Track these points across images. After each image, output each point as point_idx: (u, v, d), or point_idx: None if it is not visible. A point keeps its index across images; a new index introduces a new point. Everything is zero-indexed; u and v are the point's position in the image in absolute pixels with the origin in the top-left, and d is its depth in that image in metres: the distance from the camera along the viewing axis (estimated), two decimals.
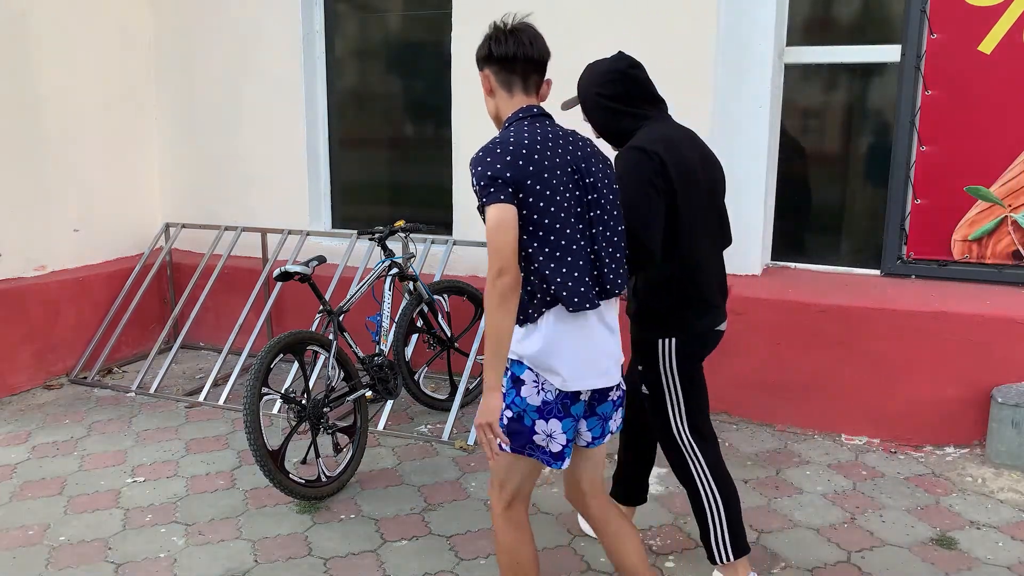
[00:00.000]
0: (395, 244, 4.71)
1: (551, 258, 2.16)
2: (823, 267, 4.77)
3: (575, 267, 2.18)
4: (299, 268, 3.56)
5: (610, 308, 2.33)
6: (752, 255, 4.58)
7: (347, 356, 3.79)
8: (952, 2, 4.20)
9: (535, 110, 2.28)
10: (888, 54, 4.42)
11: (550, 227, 2.16)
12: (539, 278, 2.16)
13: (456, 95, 4.94)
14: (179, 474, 3.86)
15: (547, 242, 2.16)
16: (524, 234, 2.16)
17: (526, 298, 2.19)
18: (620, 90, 2.67)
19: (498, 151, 2.15)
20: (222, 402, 4.66)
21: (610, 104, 2.68)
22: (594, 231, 2.24)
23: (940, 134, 4.32)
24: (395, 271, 4.17)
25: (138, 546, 3.24)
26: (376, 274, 4.06)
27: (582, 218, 2.22)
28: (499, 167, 2.12)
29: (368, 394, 3.85)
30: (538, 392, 2.22)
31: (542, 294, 2.17)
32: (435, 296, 4.46)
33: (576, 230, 2.20)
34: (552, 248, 2.16)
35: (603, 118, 2.72)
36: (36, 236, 5.05)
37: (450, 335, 4.58)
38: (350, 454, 3.74)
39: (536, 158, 2.16)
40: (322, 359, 3.87)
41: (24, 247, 4.98)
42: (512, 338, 2.21)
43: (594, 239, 2.24)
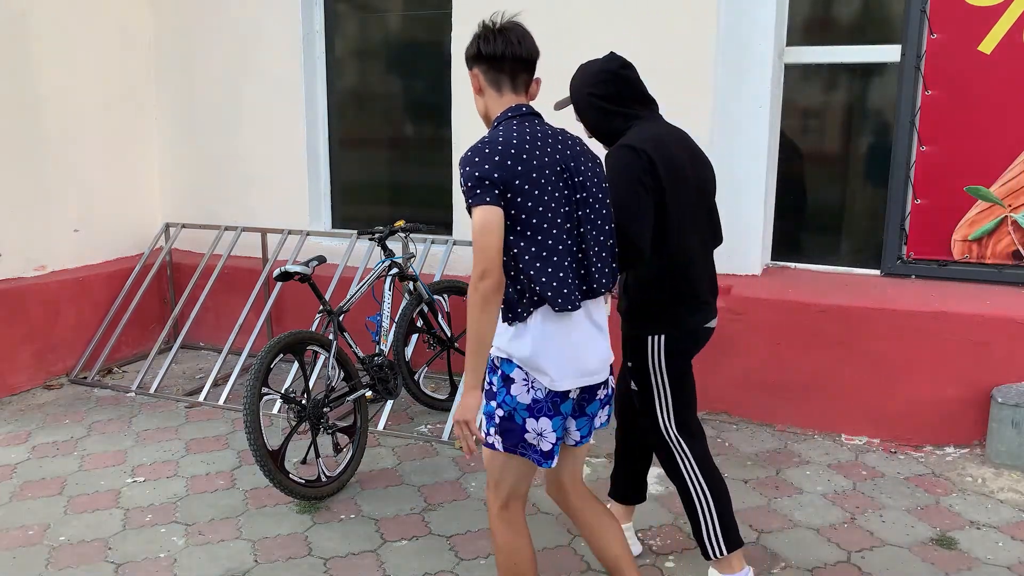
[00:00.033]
0: (395, 244, 4.70)
1: (537, 257, 2.16)
2: (823, 267, 4.77)
3: (560, 267, 2.18)
4: (299, 268, 3.56)
5: (598, 306, 2.33)
6: (752, 255, 4.58)
7: (347, 356, 3.79)
8: (952, 2, 4.20)
9: (524, 109, 2.28)
10: (888, 54, 4.42)
11: (537, 227, 2.16)
12: (526, 277, 2.17)
13: (456, 95, 4.94)
14: (179, 474, 3.86)
15: (534, 242, 2.16)
16: (511, 234, 2.16)
17: (515, 297, 2.19)
18: (612, 90, 2.70)
19: (486, 151, 2.15)
20: (222, 402, 4.66)
21: (602, 104, 2.71)
22: (582, 230, 2.24)
23: (940, 134, 4.32)
24: (395, 271, 4.17)
25: (138, 546, 3.24)
26: (376, 274, 4.06)
27: (570, 217, 2.22)
28: (487, 167, 2.13)
29: (368, 394, 3.85)
30: (528, 391, 2.22)
31: (531, 293, 2.17)
32: (435, 296, 4.46)
33: (563, 230, 2.20)
34: (538, 248, 2.16)
35: (595, 118, 2.75)
36: (36, 236, 5.05)
37: (450, 335, 4.58)
38: (350, 454, 3.75)
39: (525, 157, 2.16)
40: (322, 359, 3.87)
41: (24, 247, 4.98)
42: (502, 337, 2.23)
43: (582, 238, 2.24)
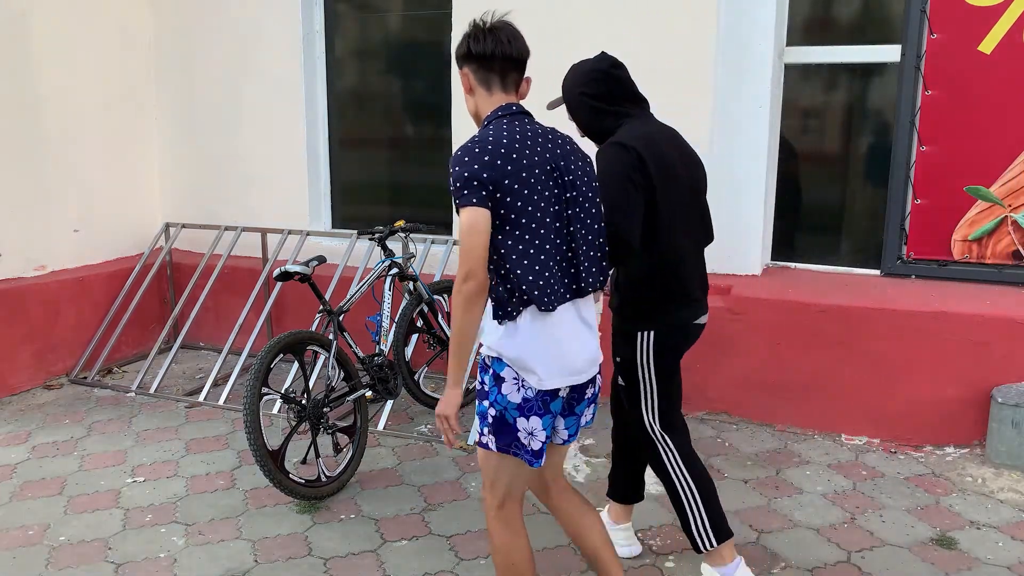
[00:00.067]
0: (395, 244, 4.70)
1: (524, 256, 2.16)
2: (823, 267, 4.77)
3: (546, 267, 2.18)
4: (299, 268, 3.56)
5: (588, 305, 2.33)
6: (752, 255, 4.58)
7: (347, 356, 3.79)
8: (952, 2, 4.20)
9: (514, 108, 2.28)
10: (888, 54, 4.42)
11: (526, 226, 2.16)
12: (513, 276, 2.17)
13: (456, 95, 4.94)
14: (179, 474, 3.86)
15: (522, 241, 2.16)
16: (500, 233, 2.16)
17: (505, 296, 2.19)
18: (603, 89, 2.73)
19: (476, 150, 2.15)
20: (222, 402, 4.66)
21: (593, 103, 2.74)
22: (572, 229, 2.24)
23: (940, 134, 4.32)
24: (395, 271, 4.17)
25: (138, 546, 3.24)
26: (376, 274, 4.06)
27: (559, 216, 2.23)
28: (476, 167, 2.13)
29: (368, 394, 3.85)
30: (519, 389, 2.22)
31: (519, 292, 2.18)
32: (435, 296, 4.46)
33: (552, 229, 2.20)
34: (526, 247, 2.17)
35: (587, 117, 2.77)
36: (36, 236, 5.05)
37: (450, 335, 4.57)
38: (350, 454, 3.74)
39: (515, 157, 2.16)
40: (322, 359, 3.87)
41: (24, 247, 4.98)
42: (492, 335, 2.23)
43: (572, 237, 2.24)
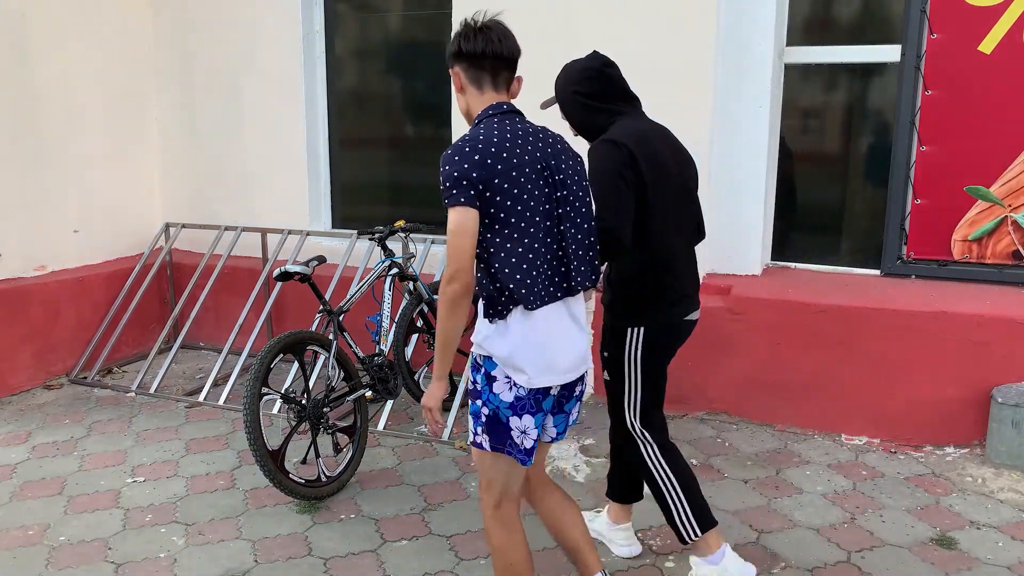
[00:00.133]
0: (395, 244, 4.70)
1: (512, 254, 2.17)
2: (823, 267, 4.77)
3: (534, 266, 2.18)
4: (299, 268, 3.56)
5: (579, 303, 2.33)
6: (752, 255, 4.58)
7: (347, 356, 3.79)
8: (952, 2, 4.20)
9: (505, 107, 2.28)
10: (888, 54, 4.42)
11: (515, 225, 2.16)
12: (500, 275, 2.17)
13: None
14: (179, 474, 3.86)
15: (511, 239, 2.16)
16: (489, 232, 2.16)
17: (495, 295, 2.19)
18: (596, 87, 2.74)
19: (467, 149, 2.15)
20: (222, 402, 4.66)
21: (586, 101, 2.75)
22: (562, 227, 2.24)
23: (940, 134, 4.32)
24: (395, 271, 4.17)
25: (138, 546, 3.24)
26: (376, 274, 4.06)
27: (550, 215, 2.23)
28: (466, 167, 2.13)
29: (368, 394, 3.85)
30: (510, 388, 2.22)
31: (508, 291, 2.18)
32: (435, 296, 4.46)
33: (542, 228, 2.20)
34: (514, 245, 2.17)
35: (580, 115, 2.79)
36: (36, 236, 5.05)
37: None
38: (350, 454, 3.74)
39: (505, 156, 2.16)
40: (322, 359, 3.87)
41: (24, 247, 4.98)
42: (482, 334, 2.24)
43: (562, 236, 2.24)
